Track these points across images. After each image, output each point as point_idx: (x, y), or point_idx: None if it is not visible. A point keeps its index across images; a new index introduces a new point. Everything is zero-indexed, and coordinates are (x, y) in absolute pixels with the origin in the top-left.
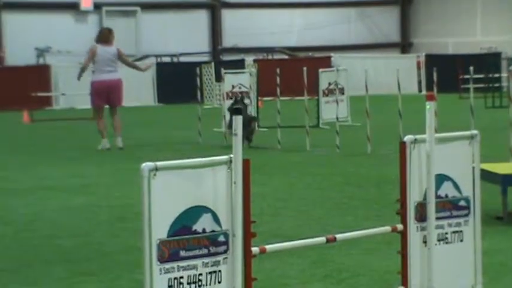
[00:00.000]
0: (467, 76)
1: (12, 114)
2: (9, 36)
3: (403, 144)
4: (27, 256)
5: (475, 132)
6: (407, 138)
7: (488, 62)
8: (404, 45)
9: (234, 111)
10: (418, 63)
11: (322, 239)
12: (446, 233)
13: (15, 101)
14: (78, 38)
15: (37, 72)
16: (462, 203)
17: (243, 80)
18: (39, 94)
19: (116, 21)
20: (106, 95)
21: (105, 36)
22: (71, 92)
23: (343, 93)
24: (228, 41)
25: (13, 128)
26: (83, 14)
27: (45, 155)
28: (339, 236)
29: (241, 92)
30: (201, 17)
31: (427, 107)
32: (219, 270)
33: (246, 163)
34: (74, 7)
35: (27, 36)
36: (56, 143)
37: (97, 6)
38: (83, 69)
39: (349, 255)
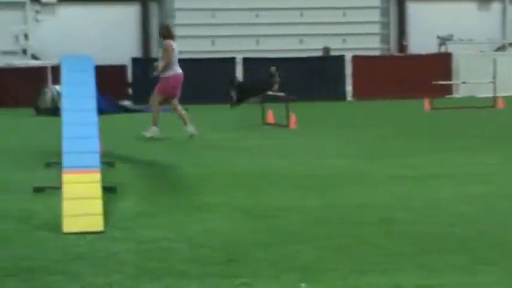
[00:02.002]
0: None
1: (414, 102)
2: (413, 25)
3: None
4: (425, 243)
5: None
6: None
7: None
8: None
9: None
10: None
11: None
12: None
13: (417, 88)
14: (481, 26)
15: (438, 60)
16: None
17: None
18: (440, 82)
19: None
20: (179, 87)
21: (172, 33)
22: (472, 80)
23: None
24: None
25: (414, 115)
26: (487, 2)
27: (444, 143)
28: None
29: None
30: None
31: None
32: None
33: None
34: None
35: (430, 24)
36: (454, 131)
37: None
38: (164, 67)
39: None
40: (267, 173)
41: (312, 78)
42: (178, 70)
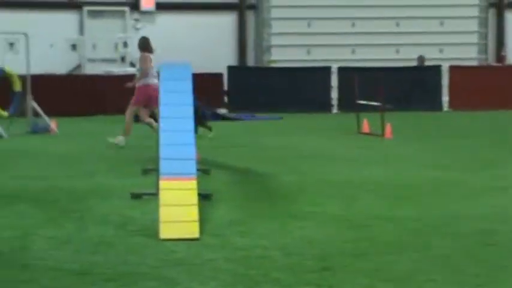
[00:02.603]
0: None
1: None
2: (511, 35)
3: None
4: None
5: None
6: None
7: None
8: None
9: None
10: None
11: None
12: None
13: None
14: None
15: None
16: None
17: None
18: None
19: None
20: (153, 98)
21: (151, 46)
22: None
23: None
24: None
25: None
26: None
27: None
28: None
29: None
30: None
31: None
32: None
33: None
34: None
35: None
36: None
37: None
38: (139, 78)
39: None
40: (362, 182)
41: (408, 88)
42: (152, 81)
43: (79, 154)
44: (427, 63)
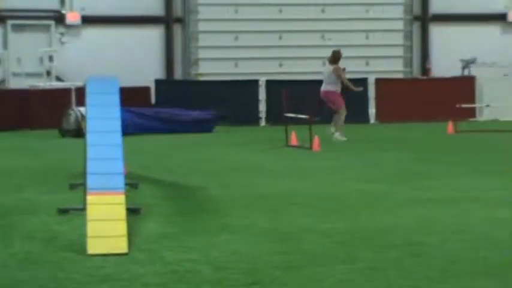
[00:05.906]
0: None
1: (438, 125)
2: (436, 48)
3: None
4: (453, 267)
5: None
6: None
7: None
8: None
9: None
10: None
11: None
12: None
13: (440, 111)
14: (504, 49)
15: (462, 83)
16: None
17: None
18: (464, 105)
19: None
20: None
21: (331, 57)
22: (496, 104)
23: None
24: None
25: (438, 138)
26: (510, 25)
27: (468, 167)
28: None
29: None
30: None
31: None
32: None
33: None
34: (502, 18)
35: (453, 47)
36: (478, 154)
37: None
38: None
39: None
40: (290, 195)
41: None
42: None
43: (7, 169)
44: (352, 76)
